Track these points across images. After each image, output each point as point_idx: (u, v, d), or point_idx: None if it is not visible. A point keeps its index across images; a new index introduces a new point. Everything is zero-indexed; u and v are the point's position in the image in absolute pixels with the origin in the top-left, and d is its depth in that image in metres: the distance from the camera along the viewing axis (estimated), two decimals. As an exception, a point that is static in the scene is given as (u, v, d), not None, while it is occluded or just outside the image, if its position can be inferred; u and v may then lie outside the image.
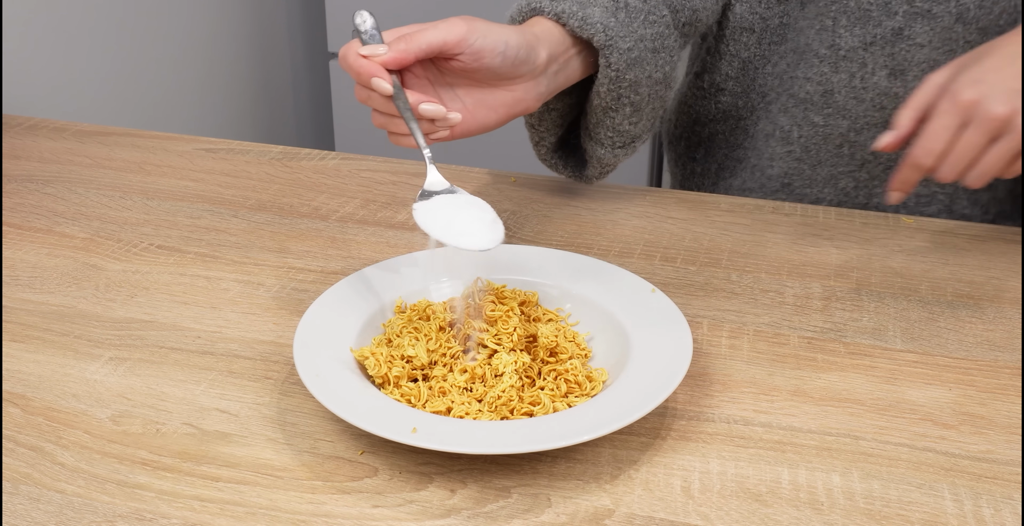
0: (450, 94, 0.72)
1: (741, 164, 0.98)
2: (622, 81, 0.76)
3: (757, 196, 0.96)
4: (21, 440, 0.60)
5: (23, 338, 0.70)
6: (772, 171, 0.95)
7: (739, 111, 0.96)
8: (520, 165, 1.97)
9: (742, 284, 0.77)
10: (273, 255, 0.80)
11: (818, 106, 0.90)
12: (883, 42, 0.85)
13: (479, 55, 0.68)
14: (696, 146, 1.02)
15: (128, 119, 1.62)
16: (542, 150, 0.86)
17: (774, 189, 0.96)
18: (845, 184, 0.92)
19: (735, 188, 0.99)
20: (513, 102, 0.72)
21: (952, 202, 0.93)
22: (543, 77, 0.73)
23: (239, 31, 1.92)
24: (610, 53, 0.74)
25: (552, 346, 0.64)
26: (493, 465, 0.58)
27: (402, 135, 0.70)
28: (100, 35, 1.54)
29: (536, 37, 0.72)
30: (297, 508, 0.55)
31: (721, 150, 1.00)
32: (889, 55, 0.86)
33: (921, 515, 0.55)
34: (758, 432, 0.61)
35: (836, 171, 0.92)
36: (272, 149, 1.01)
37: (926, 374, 0.66)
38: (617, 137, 0.81)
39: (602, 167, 0.85)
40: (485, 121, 0.73)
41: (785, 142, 0.93)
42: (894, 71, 0.86)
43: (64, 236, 0.83)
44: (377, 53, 0.67)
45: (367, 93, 0.68)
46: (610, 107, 0.78)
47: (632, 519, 0.54)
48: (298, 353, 0.62)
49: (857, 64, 0.87)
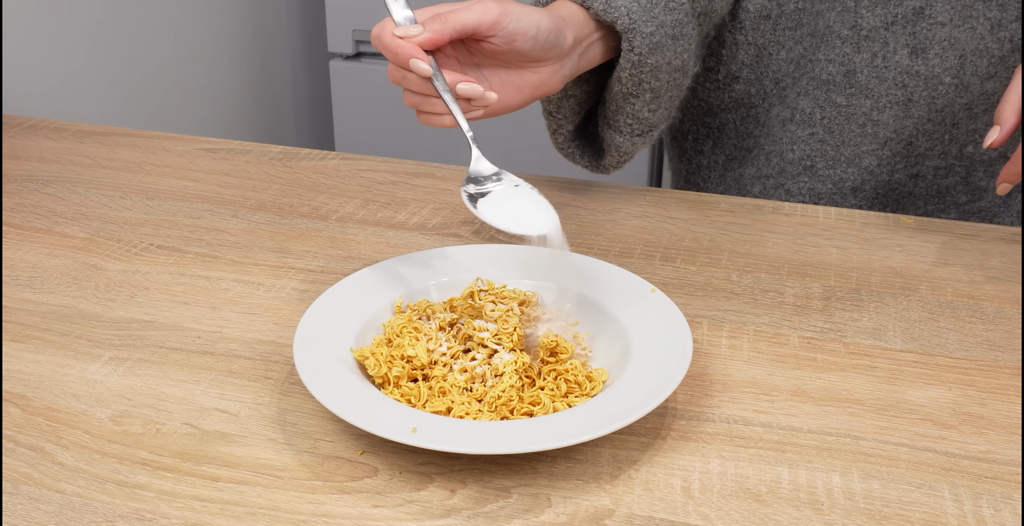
0: (477, 74, 0.73)
1: (752, 153, 0.99)
2: (644, 66, 0.76)
3: (775, 182, 0.97)
4: (21, 440, 0.60)
5: (23, 338, 0.70)
6: (792, 155, 0.96)
7: (751, 98, 0.96)
8: (520, 165, 1.97)
9: (742, 284, 0.77)
10: (273, 255, 0.80)
11: (840, 87, 0.91)
12: (904, 21, 0.87)
13: (512, 38, 0.69)
14: (704, 138, 1.03)
15: (128, 119, 1.62)
16: (559, 138, 0.87)
17: (795, 173, 0.96)
18: (868, 163, 0.94)
19: (747, 177, 0.99)
20: (538, 83, 0.73)
21: None
22: (568, 60, 0.74)
23: (239, 31, 1.92)
24: (633, 37, 0.75)
25: (552, 346, 0.64)
26: (493, 465, 0.58)
27: (434, 114, 0.70)
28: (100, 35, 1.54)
29: (563, 20, 0.72)
30: (297, 508, 0.55)
31: (731, 140, 1.00)
32: (910, 34, 0.87)
33: (921, 515, 0.55)
34: (758, 432, 0.61)
35: (860, 150, 0.94)
36: (272, 149, 1.01)
37: (926, 374, 0.66)
38: (636, 124, 0.82)
39: (620, 155, 0.86)
40: (510, 102, 0.74)
41: (807, 125, 0.94)
42: (915, 50, 0.87)
43: (64, 236, 0.83)
44: (412, 33, 0.67)
45: (402, 73, 0.69)
46: (631, 93, 0.79)
47: (632, 519, 0.54)
48: (298, 353, 0.62)
49: (879, 43, 0.88)
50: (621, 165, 0.87)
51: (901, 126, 0.91)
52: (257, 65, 2.00)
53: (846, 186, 0.95)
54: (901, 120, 0.91)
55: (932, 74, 0.88)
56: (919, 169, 0.94)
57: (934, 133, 0.91)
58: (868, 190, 0.95)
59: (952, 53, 0.87)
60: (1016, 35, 0.86)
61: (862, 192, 0.96)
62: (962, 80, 0.88)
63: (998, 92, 0.89)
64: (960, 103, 0.90)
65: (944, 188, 0.95)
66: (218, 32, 1.85)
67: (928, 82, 0.89)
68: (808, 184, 0.96)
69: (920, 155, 0.93)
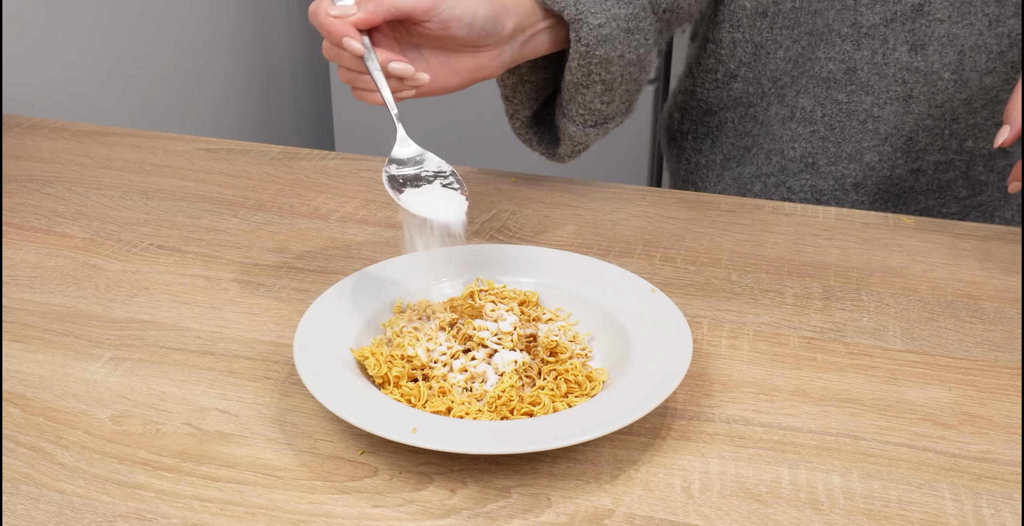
0: (416, 54, 0.74)
1: (751, 152, 0.99)
2: (592, 57, 0.77)
3: (776, 180, 0.98)
4: (21, 440, 0.60)
5: (23, 338, 0.70)
6: (794, 153, 0.96)
7: (749, 97, 0.97)
8: (520, 165, 1.97)
9: (742, 284, 0.77)
10: (273, 255, 0.80)
11: (841, 84, 0.92)
12: (903, 18, 0.87)
13: (446, 24, 0.70)
14: (703, 138, 1.03)
15: (128, 119, 1.62)
16: (516, 123, 0.88)
17: (797, 170, 0.97)
18: (870, 159, 0.94)
19: (747, 175, 1.00)
20: (476, 68, 0.75)
21: None
22: (507, 46, 0.75)
23: (239, 31, 1.92)
24: (580, 27, 0.75)
25: (552, 346, 0.64)
26: (493, 465, 0.58)
27: (367, 91, 0.72)
28: (100, 35, 1.54)
29: (505, 8, 0.73)
30: (297, 508, 0.55)
31: (729, 139, 1.01)
32: (910, 31, 0.87)
33: (921, 515, 0.55)
34: (758, 432, 0.61)
35: (861, 146, 0.94)
36: (272, 149, 1.01)
37: (926, 374, 0.66)
38: (589, 115, 0.82)
39: (574, 145, 0.86)
40: (447, 83, 0.75)
41: (807, 123, 0.94)
42: (914, 46, 0.88)
43: (64, 236, 0.83)
44: (347, 13, 0.68)
45: (336, 51, 0.70)
46: (581, 83, 0.79)
47: (632, 519, 0.54)
48: (298, 353, 0.62)
49: (879, 41, 0.89)
50: (576, 155, 0.88)
51: (901, 122, 0.92)
52: (257, 65, 2.00)
53: (848, 182, 0.96)
54: (901, 116, 0.91)
55: (931, 70, 0.88)
56: (920, 164, 0.94)
57: (934, 128, 0.92)
58: (870, 186, 0.96)
59: (951, 49, 0.87)
60: (1015, 30, 0.86)
61: (864, 188, 0.96)
62: (961, 76, 0.89)
63: (997, 87, 0.90)
64: (959, 98, 0.90)
65: (945, 183, 0.96)
66: (218, 32, 1.85)
67: (928, 78, 0.89)
68: (810, 181, 0.96)
69: (920, 150, 0.94)
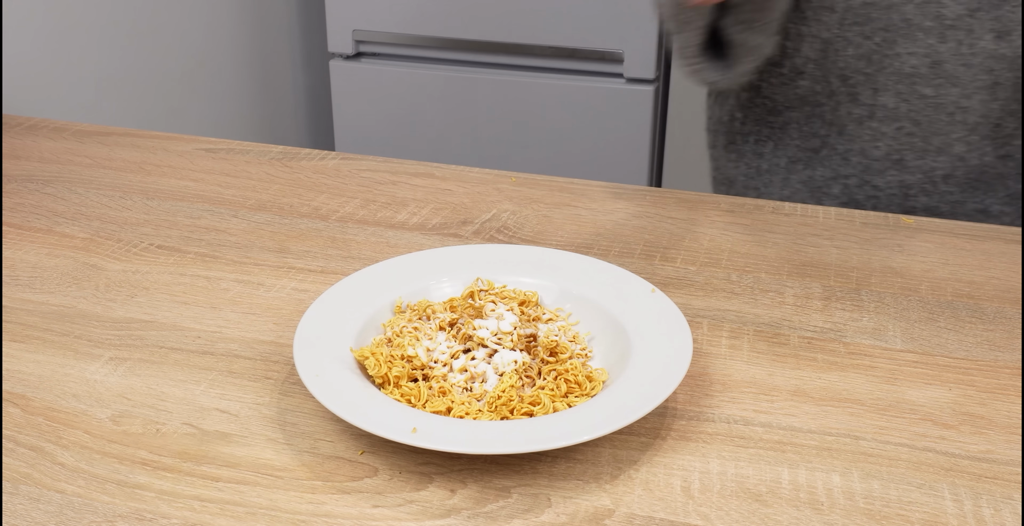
0: None
1: (819, 153, 0.98)
2: None
3: (858, 180, 0.97)
4: (21, 440, 0.60)
5: (23, 338, 0.70)
6: (878, 152, 0.96)
7: (816, 96, 0.97)
8: (520, 165, 1.97)
9: (742, 284, 0.77)
10: (273, 255, 0.80)
11: (927, 78, 0.92)
12: (989, 6, 0.88)
13: None
14: (765, 140, 1.02)
15: (128, 119, 1.62)
16: (688, 52, 0.91)
17: (882, 169, 0.97)
18: (958, 149, 0.94)
19: (820, 178, 0.99)
20: None
21: None
22: None
23: (239, 31, 1.92)
24: None
25: (552, 346, 0.64)
26: (493, 465, 0.58)
27: None
28: (100, 35, 1.54)
29: None
30: (297, 508, 0.55)
31: (794, 141, 1.00)
32: (995, 18, 0.88)
33: (921, 515, 0.55)
34: (758, 432, 0.61)
35: (949, 138, 0.94)
36: (272, 149, 1.01)
37: (926, 374, 0.66)
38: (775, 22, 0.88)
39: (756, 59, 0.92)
40: None
41: (891, 120, 0.94)
42: (1000, 33, 0.88)
43: (64, 236, 0.83)
44: None
45: None
46: None
47: (632, 519, 0.54)
48: (298, 353, 0.62)
49: (964, 31, 0.89)
50: (755, 72, 0.94)
51: (988, 110, 0.92)
52: (257, 65, 2.00)
53: (937, 175, 0.96)
54: (988, 104, 0.91)
55: (1016, 55, 0.89)
56: (1008, 150, 0.94)
57: (1020, 112, 0.92)
58: (959, 176, 0.96)
59: None
60: None
61: (953, 179, 0.96)
62: None
63: None
64: None
65: None
66: (218, 32, 1.85)
67: (1013, 63, 0.89)
68: (897, 177, 0.96)
69: (1008, 135, 0.94)
